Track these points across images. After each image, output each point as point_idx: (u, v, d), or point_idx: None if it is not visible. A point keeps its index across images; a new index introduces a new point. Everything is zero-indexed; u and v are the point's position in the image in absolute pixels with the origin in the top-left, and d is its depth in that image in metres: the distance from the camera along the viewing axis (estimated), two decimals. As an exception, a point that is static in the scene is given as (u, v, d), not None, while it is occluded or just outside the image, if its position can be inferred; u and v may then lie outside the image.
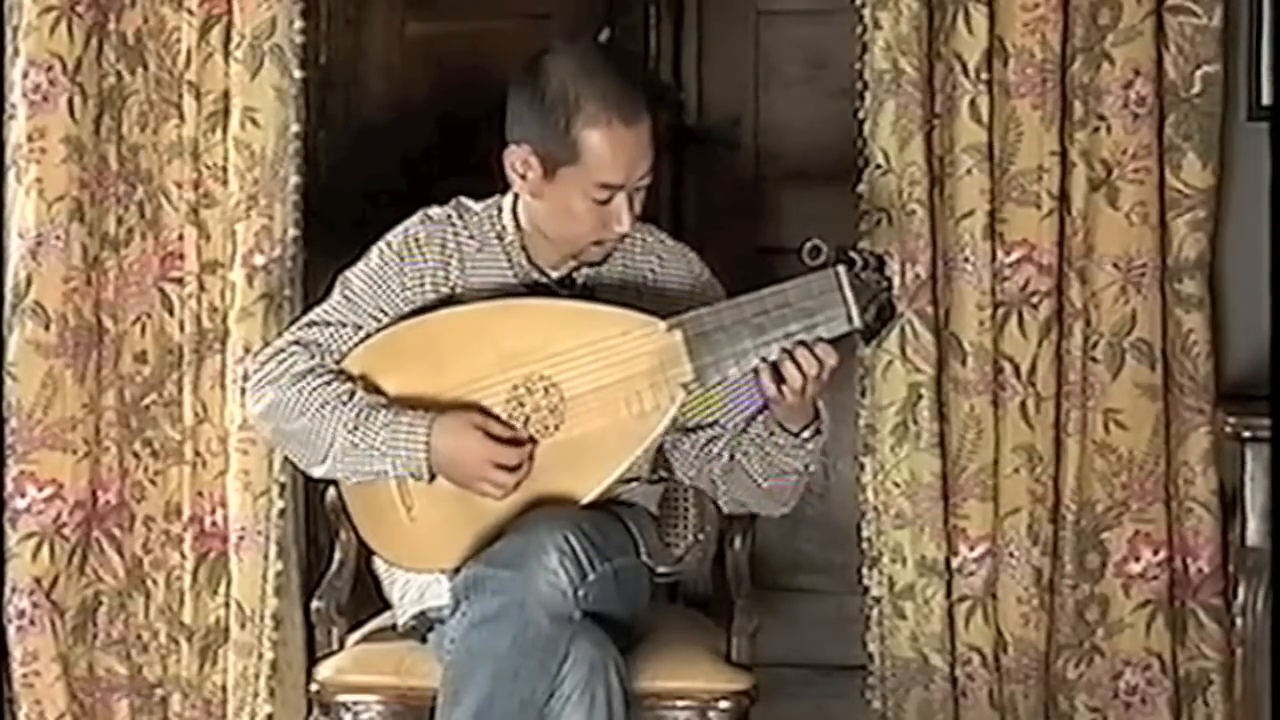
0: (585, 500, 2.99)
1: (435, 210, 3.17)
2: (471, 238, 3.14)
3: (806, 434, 3.00)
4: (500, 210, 3.16)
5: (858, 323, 2.90)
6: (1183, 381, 3.58)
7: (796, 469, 3.04)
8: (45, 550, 3.64)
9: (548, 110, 2.98)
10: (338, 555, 3.27)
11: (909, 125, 3.52)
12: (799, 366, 2.90)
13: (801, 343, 2.89)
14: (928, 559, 3.58)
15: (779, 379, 2.91)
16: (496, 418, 2.99)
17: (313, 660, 3.29)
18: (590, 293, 3.12)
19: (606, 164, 2.98)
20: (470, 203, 3.18)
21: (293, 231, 3.59)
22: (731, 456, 3.08)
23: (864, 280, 2.90)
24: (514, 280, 3.12)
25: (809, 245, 2.90)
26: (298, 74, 3.58)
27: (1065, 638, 3.61)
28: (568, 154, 2.98)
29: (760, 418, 3.04)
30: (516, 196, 3.13)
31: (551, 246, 3.10)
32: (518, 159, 3.04)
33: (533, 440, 2.98)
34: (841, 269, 2.90)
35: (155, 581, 3.71)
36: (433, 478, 2.99)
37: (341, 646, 3.24)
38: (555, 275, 3.13)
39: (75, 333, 3.64)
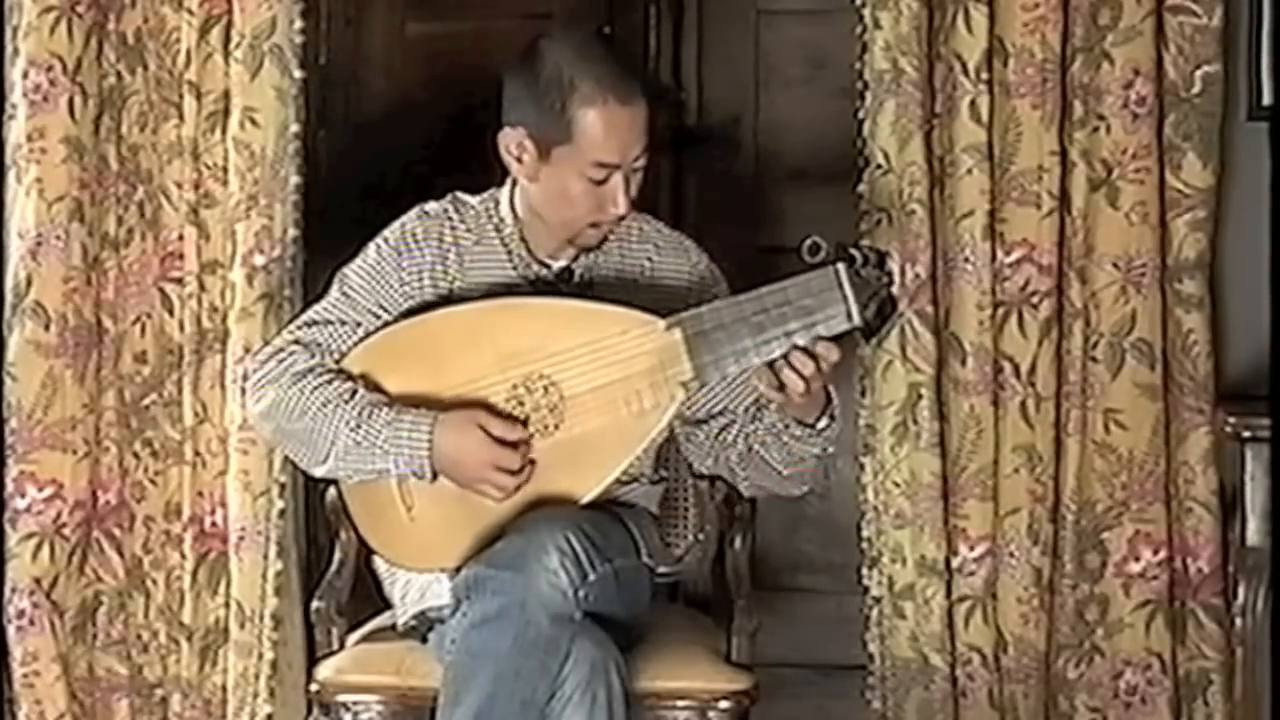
0: (585, 499, 2.99)
1: (432, 205, 3.17)
2: (469, 231, 3.14)
3: (822, 423, 3.00)
4: (497, 202, 3.16)
5: (857, 320, 2.89)
6: (1183, 381, 3.58)
7: (815, 454, 3.04)
8: (45, 550, 3.63)
9: (543, 92, 2.99)
10: (338, 555, 3.27)
11: (909, 125, 3.52)
12: (797, 371, 2.89)
13: (796, 347, 2.89)
14: (928, 559, 3.57)
15: (781, 386, 2.91)
16: (499, 412, 2.99)
17: (313, 660, 3.28)
18: (588, 284, 3.12)
19: (601, 143, 2.98)
20: (466, 197, 3.18)
21: (293, 231, 3.59)
22: (750, 448, 3.08)
23: (864, 277, 2.89)
24: (513, 272, 3.12)
25: (808, 243, 2.90)
26: (298, 74, 3.58)
27: (1065, 638, 3.61)
28: (563, 134, 2.98)
29: (773, 407, 3.03)
30: (514, 186, 3.13)
31: (549, 234, 3.10)
32: (513, 141, 3.05)
33: (533, 462, 2.98)
34: (841, 266, 2.89)
35: (155, 581, 3.70)
36: (435, 477, 2.99)
37: (341, 646, 3.24)
38: (554, 265, 3.13)
39: (75, 333, 3.63)
